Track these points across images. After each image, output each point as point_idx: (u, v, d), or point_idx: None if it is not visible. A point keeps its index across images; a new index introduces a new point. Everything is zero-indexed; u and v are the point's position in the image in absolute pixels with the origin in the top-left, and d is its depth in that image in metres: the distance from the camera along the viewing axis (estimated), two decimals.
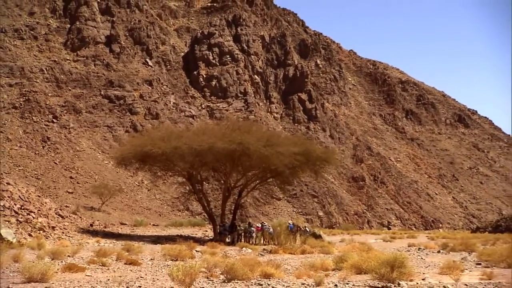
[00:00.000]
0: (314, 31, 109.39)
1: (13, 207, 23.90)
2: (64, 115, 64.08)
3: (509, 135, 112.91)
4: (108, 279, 11.89)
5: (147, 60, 79.57)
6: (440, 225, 73.66)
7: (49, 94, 66.51)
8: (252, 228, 29.21)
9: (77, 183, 52.12)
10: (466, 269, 14.57)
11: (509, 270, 13.97)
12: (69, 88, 69.41)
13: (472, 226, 70.57)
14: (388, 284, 11.06)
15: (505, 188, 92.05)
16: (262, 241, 28.99)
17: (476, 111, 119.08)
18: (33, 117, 61.00)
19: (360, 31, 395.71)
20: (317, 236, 28.87)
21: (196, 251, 20.23)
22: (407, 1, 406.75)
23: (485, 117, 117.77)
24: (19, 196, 25.70)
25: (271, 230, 28.64)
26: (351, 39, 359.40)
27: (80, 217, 34.46)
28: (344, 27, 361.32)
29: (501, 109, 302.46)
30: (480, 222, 71.82)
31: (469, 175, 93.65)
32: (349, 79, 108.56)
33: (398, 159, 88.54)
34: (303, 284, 11.50)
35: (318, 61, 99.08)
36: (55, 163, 54.63)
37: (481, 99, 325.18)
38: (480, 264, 16.24)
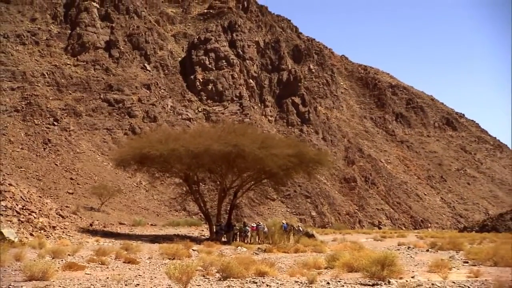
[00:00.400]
0: (307, 36, 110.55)
1: (15, 207, 24.05)
2: (64, 118, 64.99)
3: (495, 137, 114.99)
4: (107, 277, 11.96)
5: (145, 64, 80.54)
6: (429, 225, 74.86)
7: (50, 98, 67.38)
8: (247, 228, 29.40)
9: (77, 184, 52.77)
10: (454, 267, 14.70)
11: (495, 268, 14.22)
12: (70, 92, 70.26)
13: (460, 225, 72.02)
14: (379, 282, 11.15)
15: (492, 189, 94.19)
16: (257, 240, 29.11)
17: (463, 115, 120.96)
18: (35, 120, 61.92)
19: (352, 37, 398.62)
20: (310, 236, 29.09)
21: (193, 250, 20.35)
22: (397, 9, 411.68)
23: (472, 120, 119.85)
24: (21, 197, 25.68)
25: (265, 229, 28.78)
26: (343, 45, 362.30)
27: (80, 217, 34.54)
28: (336, 33, 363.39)
29: (488, 112, 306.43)
30: (467, 222, 73.44)
31: (457, 177, 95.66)
32: (341, 83, 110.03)
33: (389, 161, 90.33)
34: (297, 282, 11.55)
35: (311, 66, 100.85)
36: (56, 164, 55.24)
37: (469, 102, 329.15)
38: (467, 262, 16.41)
